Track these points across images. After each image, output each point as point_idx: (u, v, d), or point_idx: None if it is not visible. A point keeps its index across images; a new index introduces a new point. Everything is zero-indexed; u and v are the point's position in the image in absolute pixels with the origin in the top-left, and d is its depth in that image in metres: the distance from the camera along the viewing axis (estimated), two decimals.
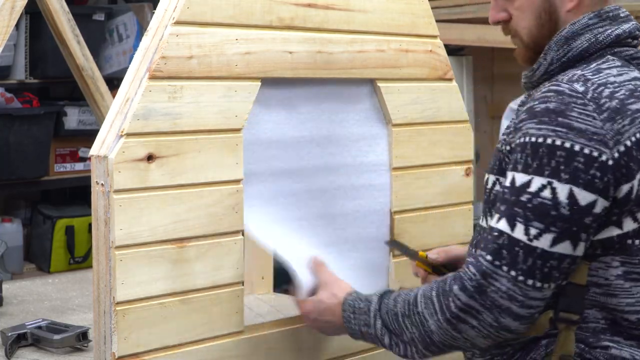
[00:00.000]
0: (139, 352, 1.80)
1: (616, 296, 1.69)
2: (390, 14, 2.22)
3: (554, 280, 1.65)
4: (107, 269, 1.77)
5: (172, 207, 1.84)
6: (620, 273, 1.69)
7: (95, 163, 1.78)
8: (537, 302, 1.65)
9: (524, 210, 1.63)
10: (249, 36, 1.96)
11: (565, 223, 1.62)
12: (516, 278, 1.63)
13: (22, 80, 4.64)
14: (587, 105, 1.63)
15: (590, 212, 1.62)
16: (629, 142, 1.63)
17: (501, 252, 1.64)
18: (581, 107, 1.63)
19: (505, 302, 1.64)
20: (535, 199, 1.62)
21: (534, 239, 1.62)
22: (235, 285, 1.95)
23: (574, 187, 1.61)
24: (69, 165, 4.85)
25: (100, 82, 2.83)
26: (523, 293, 1.63)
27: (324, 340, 2.13)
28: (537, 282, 1.63)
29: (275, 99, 2.04)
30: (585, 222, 1.63)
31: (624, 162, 1.63)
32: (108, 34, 4.92)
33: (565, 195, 1.61)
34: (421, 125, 2.26)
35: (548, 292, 1.65)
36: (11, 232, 4.68)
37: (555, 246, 1.62)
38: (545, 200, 1.62)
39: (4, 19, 2.39)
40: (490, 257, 1.65)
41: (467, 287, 1.66)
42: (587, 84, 1.66)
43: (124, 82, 1.84)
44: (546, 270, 1.63)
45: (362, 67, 2.17)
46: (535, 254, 1.62)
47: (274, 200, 2.05)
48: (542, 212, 1.62)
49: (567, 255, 1.64)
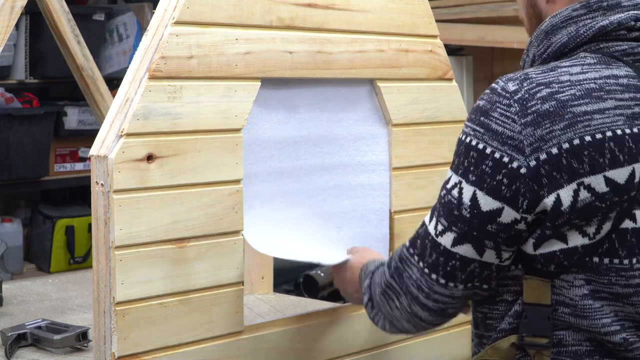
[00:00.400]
0: (139, 352, 1.80)
1: (586, 317, 1.54)
2: (390, 14, 2.22)
3: (460, 282, 1.58)
4: (107, 269, 1.77)
5: (171, 207, 1.84)
6: (586, 292, 1.54)
7: (95, 163, 1.78)
8: (445, 299, 1.61)
9: (440, 205, 1.60)
10: (249, 36, 1.96)
11: (465, 225, 1.55)
12: (423, 270, 1.61)
13: (22, 80, 4.63)
14: (511, 107, 1.52)
15: (493, 220, 1.53)
16: (556, 149, 1.48)
17: (416, 241, 1.64)
18: (504, 108, 1.53)
19: (414, 290, 1.63)
20: (447, 196, 1.58)
21: (439, 235, 1.59)
22: (235, 285, 1.95)
23: (478, 190, 1.53)
24: (69, 165, 4.85)
25: (100, 82, 2.83)
26: (428, 285, 1.61)
27: (324, 340, 2.13)
28: (440, 278, 1.59)
29: (275, 99, 2.04)
30: (488, 229, 1.54)
31: (545, 171, 1.49)
32: (108, 34, 4.92)
33: (468, 197, 1.54)
34: (421, 125, 2.26)
35: (457, 291, 1.60)
36: (11, 232, 4.68)
37: (456, 247, 1.57)
38: (452, 198, 1.57)
39: (4, 19, 2.39)
40: (408, 243, 1.66)
41: (390, 265, 1.69)
42: (523, 83, 1.54)
43: (124, 82, 1.84)
44: (448, 269, 1.58)
45: (361, 67, 2.17)
46: (439, 250, 1.59)
47: (272, 200, 2.05)
48: (449, 210, 1.57)
49: (472, 259, 1.57)
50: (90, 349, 2.15)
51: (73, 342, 2.17)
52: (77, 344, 2.17)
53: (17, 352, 2.15)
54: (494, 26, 4.21)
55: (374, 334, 2.20)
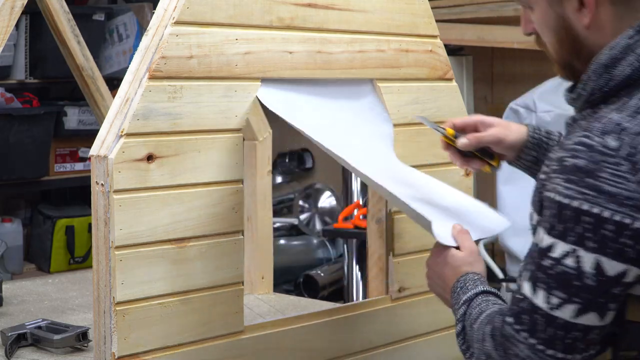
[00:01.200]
0: (139, 352, 1.80)
1: None
2: (390, 14, 2.22)
3: (579, 352, 1.51)
4: (107, 269, 1.77)
5: (172, 207, 1.84)
6: None
7: (95, 163, 1.78)
8: None
9: (547, 277, 1.50)
10: (249, 36, 1.96)
11: (590, 294, 1.48)
12: (535, 346, 1.51)
13: (22, 80, 4.64)
14: (620, 165, 1.46)
15: (619, 282, 1.48)
16: None
17: (522, 316, 1.53)
18: (613, 167, 1.46)
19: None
20: (558, 266, 1.49)
21: (555, 309, 1.49)
22: (235, 285, 1.95)
23: (602, 256, 1.46)
24: (69, 165, 4.86)
25: (100, 82, 2.82)
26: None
27: (324, 340, 2.13)
28: (558, 352, 1.50)
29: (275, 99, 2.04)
30: (614, 292, 1.49)
31: None
32: (108, 34, 4.92)
33: (591, 266, 1.47)
34: (421, 125, 2.25)
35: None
36: (11, 232, 4.69)
37: (579, 317, 1.49)
38: (568, 268, 1.48)
39: (4, 19, 2.39)
40: (511, 319, 1.54)
41: (495, 337, 1.57)
42: (622, 136, 1.48)
43: (124, 82, 1.84)
44: (568, 342, 1.50)
45: (361, 67, 2.17)
46: (556, 324, 1.49)
47: None
48: (565, 281, 1.48)
49: (594, 326, 1.50)
50: (90, 349, 2.15)
51: (73, 342, 2.17)
52: (77, 344, 2.17)
53: (17, 352, 2.15)
54: (494, 26, 4.21)
55: (373, 334, 2.20)
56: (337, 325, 2.16)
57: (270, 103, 1.95)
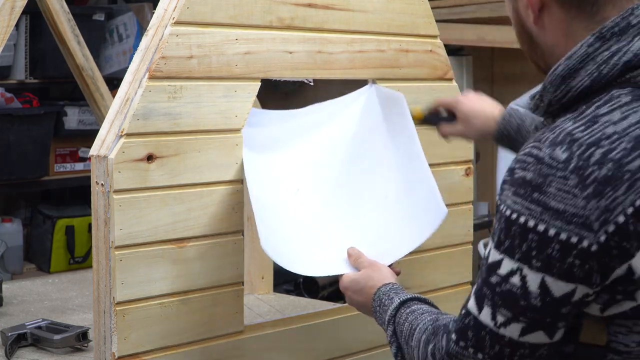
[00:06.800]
0: (139, 352, 1.80)
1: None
2: (390, 14, 2.22)
3: None
4: (107, 269, 1.77)
5: (172, 207, 1.84)
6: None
7: (95, 163, 1.78)
8: None
9: (493, 294, 1.43)
10: (249, 36, 1.96)
11: (536, 314, 1.40)
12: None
13: (22, 80, 4.64)
14: (568, 179, 1.36)
15: (567, 302, 1.40)
16: (622, 217, 1.35)
17: (467, 333, 1.46)
18: (561, 182, 1.36)
19: None
20: (504, 284, 1.41)
21: (501, 327, 1.42)
22: (235, 285, 1.95)
23: (547, 276, 1.38)
24: (69, 165, 4.86)
25: (100, 82, 2.83)
26: None
27: (324, 341, 2.13)
28: None
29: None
30: (562, 312, 1.41)
31: (615, 243, 1.36)
32: (108, 34, 4.92)
33: (536, 285, 1.38)
34: (421, 125, 2.25)
35: None
36: (11, 232, 4.69)
37: (525, 336, 1.42)
38: (513, 287, 1.40)
39: (4, 19, 2.39)
40: (455, 336, 1.48)
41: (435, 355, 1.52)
42: (573, 148, 1.38)
43: (124, 82, 1.84)
44: (516, 358, 1.43)
45: (361, 67, 2.17)
46: (503, 341, 1.43)
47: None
48: (511, 300, 1.40)
49: (542, 344, 1.43)
50: (90, 349, 2.15)
51: (73, 342, 2.17)
52: (77, 344, 2.17)
53: (17, 352, 2.16)
54: (494, 26, 4.21)
55: (373, 335, 2.20)
56: (337, 325, 2.16)
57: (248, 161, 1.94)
